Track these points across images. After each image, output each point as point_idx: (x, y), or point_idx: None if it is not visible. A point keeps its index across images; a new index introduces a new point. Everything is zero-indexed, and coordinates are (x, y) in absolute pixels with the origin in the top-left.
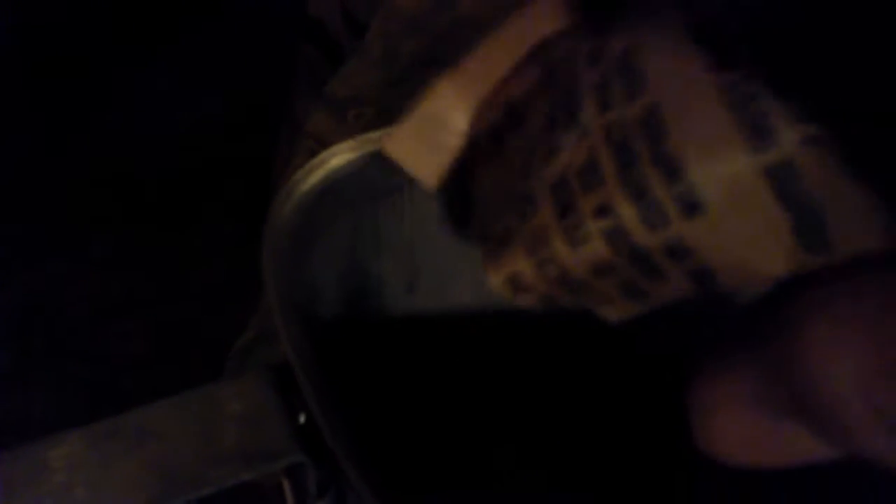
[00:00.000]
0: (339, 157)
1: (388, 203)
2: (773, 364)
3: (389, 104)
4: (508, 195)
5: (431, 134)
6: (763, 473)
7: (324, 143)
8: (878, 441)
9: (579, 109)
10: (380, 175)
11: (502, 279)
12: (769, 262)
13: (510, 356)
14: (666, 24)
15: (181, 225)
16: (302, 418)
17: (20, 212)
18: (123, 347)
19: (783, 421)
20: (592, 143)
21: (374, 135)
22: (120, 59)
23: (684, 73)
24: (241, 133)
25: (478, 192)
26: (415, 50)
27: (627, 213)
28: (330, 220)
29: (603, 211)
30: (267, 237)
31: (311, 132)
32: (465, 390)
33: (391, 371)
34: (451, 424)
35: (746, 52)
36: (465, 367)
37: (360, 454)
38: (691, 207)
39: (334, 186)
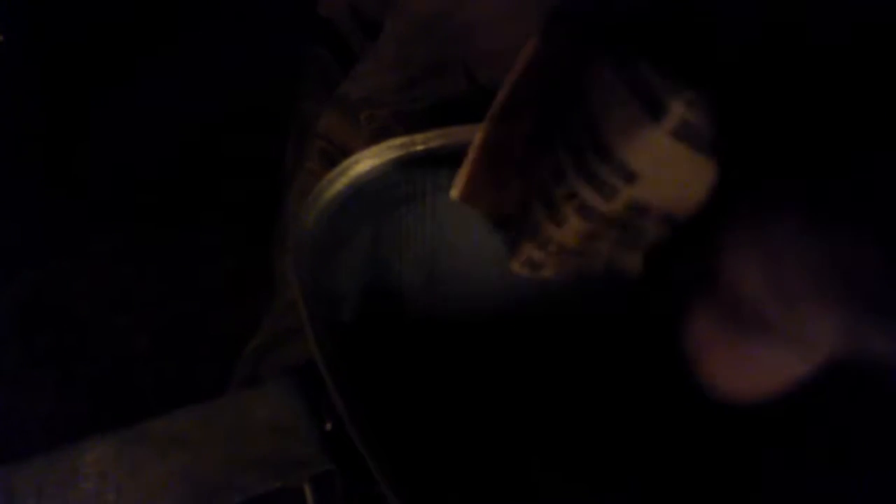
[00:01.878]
0: (363, 163)
1: (410, 208)
2: (718, 294)
3: (402, 107)
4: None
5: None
6: None
7: (336, 145)
8: (795, 325)
9: (553, 138)
10: (402, 181)
11: (520, 264)
12: (703, 188)
13: (537, 364)
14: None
15: (183, 223)
16: (329, 425)
17: (22, 210)
18: (125, 345)
19: (751, 341)
20: (559, 150)
21: (395, 141)
22: (122, 59)
23: (606, 85)
24: (245, 132)
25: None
26: (427, 54)
27: (586, 192)
28: (354, 226)
29: (571, 196)
30: (291, 244)
31: (323, 133)
32: (493, 397)
33: (417, 375)
34: (482, 432)
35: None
36: (490, 370)
37: (391, 462)
38: (629, 176)
39: (358, 193)
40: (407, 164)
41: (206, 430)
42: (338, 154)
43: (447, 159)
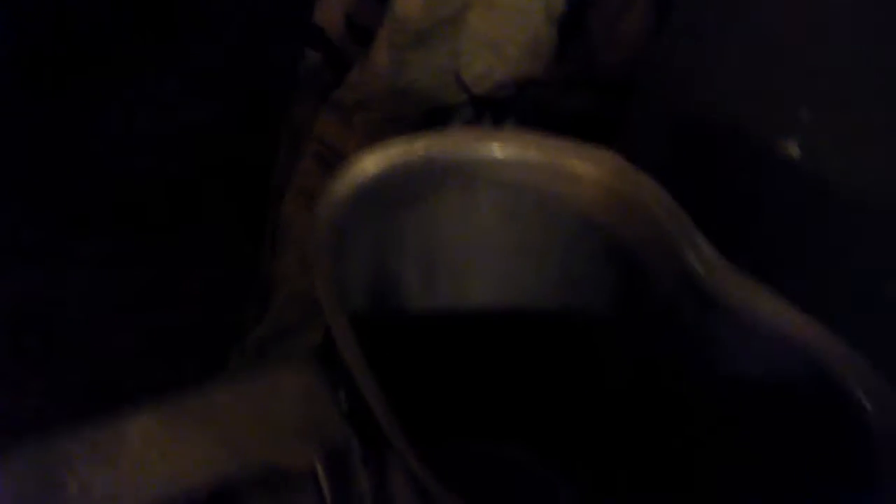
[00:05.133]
0: (365, 163)
1: (410, 211)
2: None
3: (395, 110)
4: None
5: None
6: None
7: (329, 146)
8: None
9: None
10: (403, 183)
11: None
12: None
13: (521, 352)
14: None
15: (177, 225)
16: (343, 396)
17: (16, 210)
18: (118, 346)
19: None
20: None
21: (396, 143)
22: (118, 61)
23: None
24: (239, 135)
25: None
26: (420, 62)
27: None
28: (357, 225)
29: None
30: (313, 237)
31: (318, 136)
32: (479, 382)
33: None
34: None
35: None
36: (479, 359)
37: (402, 427)
38: None
39: (361, 193)
40: (407, 167)
41: (242, 403)
42: (331, 156)
43: (447, 162)
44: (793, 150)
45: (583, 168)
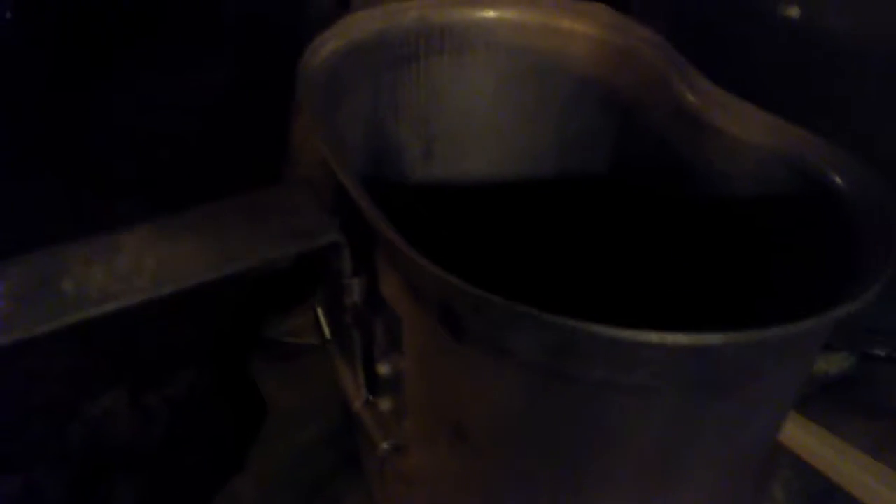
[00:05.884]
0: (360, 22)
1: (405, 71)
2: None
3: None
4: None
5: None
6: None
7: None
8: None
9: None
10: (398, 43)
11: None
12: None
13: (519, 217)
14: None
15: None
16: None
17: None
18: None
19: None
20: None
21: (390, 6)
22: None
23: None
24: (253, 106)
25: None
26: None
27: None
28: (353, 82)
29: None
30: (301, 82)
31: None
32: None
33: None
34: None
35: None
36: (478, 226)
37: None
38: None
39: (357, 49)
40: (402, 27)
41: (234, 215)
42: None
43: (441, 24)
44: (793, 11)
45: (576, 25)
